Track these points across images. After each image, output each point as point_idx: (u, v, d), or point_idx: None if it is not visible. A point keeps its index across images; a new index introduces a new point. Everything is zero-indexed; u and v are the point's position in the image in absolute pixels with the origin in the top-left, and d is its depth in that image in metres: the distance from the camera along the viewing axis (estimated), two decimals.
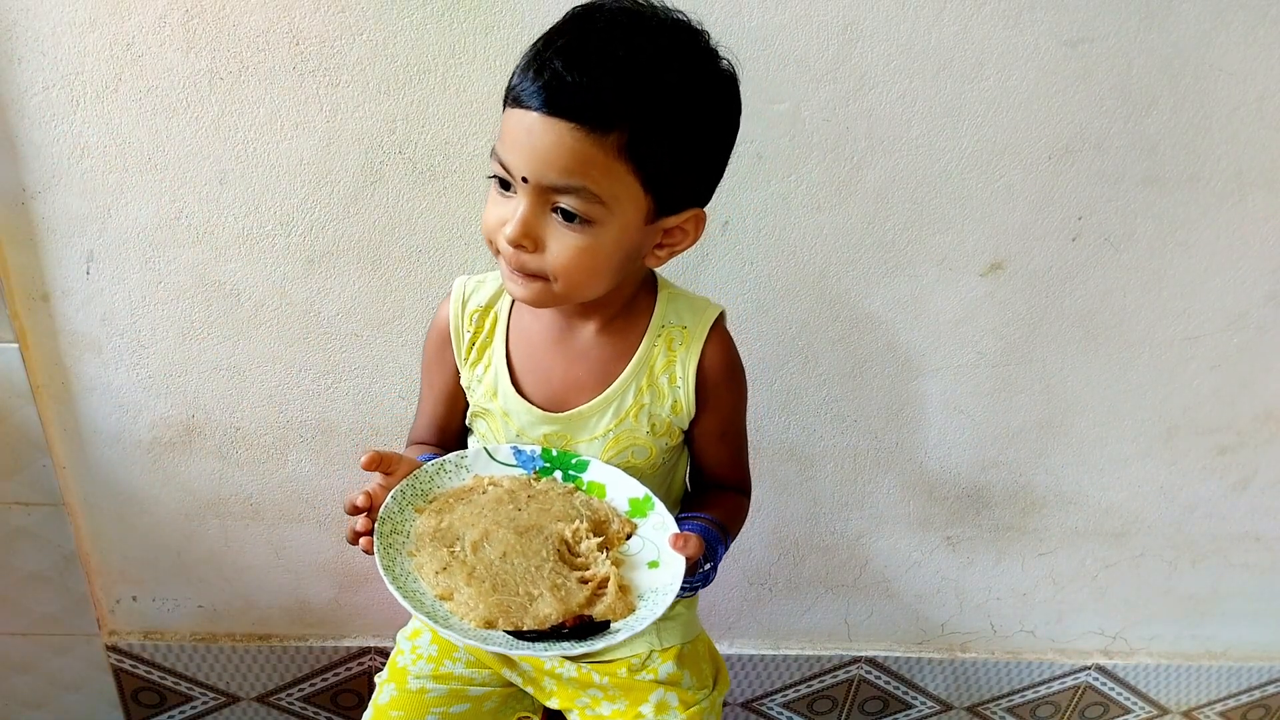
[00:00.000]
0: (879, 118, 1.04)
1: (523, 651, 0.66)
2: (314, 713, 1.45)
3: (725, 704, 1.50)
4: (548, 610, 0.69)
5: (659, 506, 0.78)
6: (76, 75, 0.98)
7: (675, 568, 0.72)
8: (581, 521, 0.75)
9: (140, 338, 1.13)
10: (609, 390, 0.81)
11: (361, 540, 0.71)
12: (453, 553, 0.71)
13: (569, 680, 0.89)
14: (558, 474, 0.81)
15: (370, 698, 0.90)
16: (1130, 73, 1.04)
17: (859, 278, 1.14)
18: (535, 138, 0.66)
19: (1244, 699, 1.57)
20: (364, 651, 1.38)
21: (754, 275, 1.13)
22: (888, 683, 1.50)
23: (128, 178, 1.03)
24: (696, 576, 0.76)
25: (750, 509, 0.92)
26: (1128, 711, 1.57)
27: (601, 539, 0.75)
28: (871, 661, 1.47)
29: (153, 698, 1.41)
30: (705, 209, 0.76)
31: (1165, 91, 1.05)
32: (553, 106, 0.65)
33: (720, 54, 0.71)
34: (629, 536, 0.77)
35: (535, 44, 0.69)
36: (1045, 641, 1.49)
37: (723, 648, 1.42)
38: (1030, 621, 1.46)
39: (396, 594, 0.66)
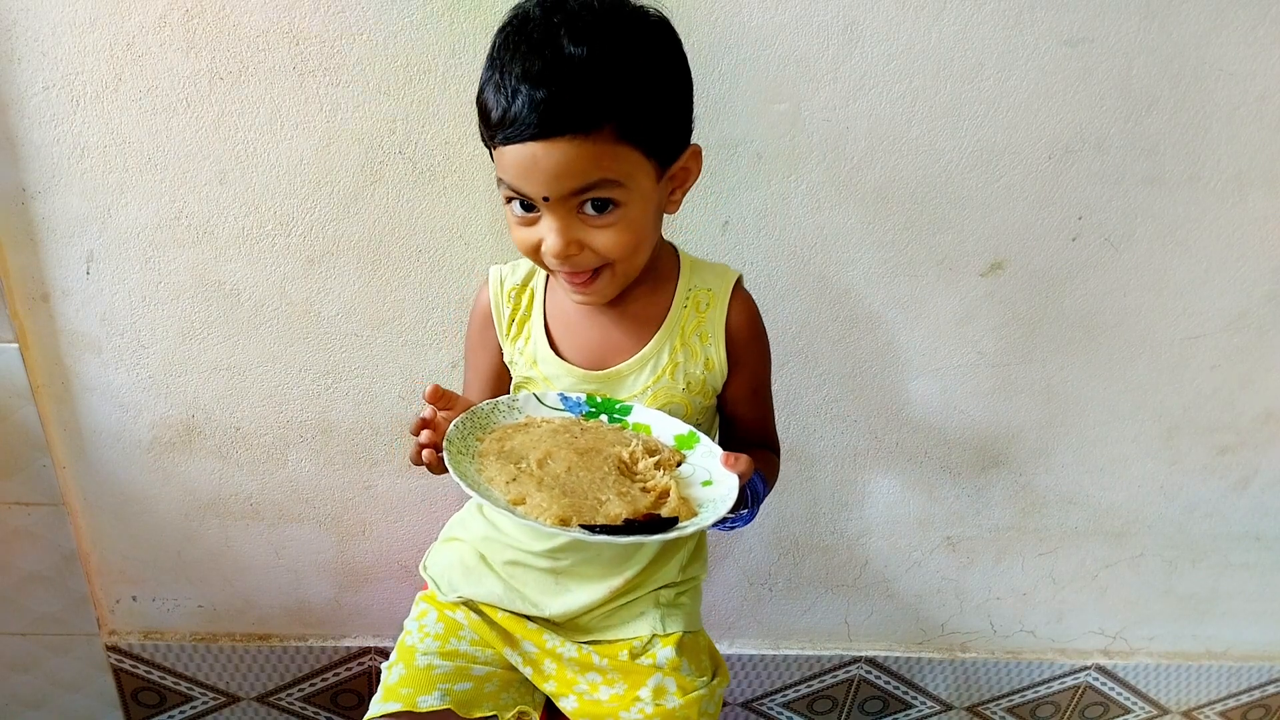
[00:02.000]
0: (879, 118, 1.04)
1: (599, 539, 0.68)
2: (314, 713, 1.45)
3: (725, 704, 1.50)
4: (618, 510, 0.71)
5: (705, 439, 0.80)
6: (76, 75, 0.98)
7: (729, 482, 0.74)
8: (637, 444, 0.78)
9: (140, 338, 1.13)
10: (645, 349, 0.85)
11: (425, 453, 0.74)
12: (520, 468, 0.74)
13: (569, 661, 0.90)
14: (603, 417, 0.84)
15: (370, 696, 0.90)
16: (1130, 73, 1.04)
17: (859, 278, 1.14)
18: (540, 161, 0.70)
19: (1244, 699, 1.57)
20: (364, 651, 1.38)
21: (754, 275, 1.13)
22: (888, 683, 1.50)
23: (128, 178, 1.03)
24: (739, 518, 0.79)
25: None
26: (1128, 711, 1.57)
27: (657, 458, 0.78)
28: (871, 661, 1.47)
29: (153, 698, 1.41)
30: (697, 141, 0.80)
31: (1165, 91, 1.05)
32: (545, 131, 0.68)
33: (642, 5, 0.74)
34: (679, 465, 0.79)
35: (494, 61, 0.71)
36: (1045, 641, 1.49)
37: (723, 648, 1.43)
38: (1030, 621, 1.46)
39: (473, 493, 0.68)
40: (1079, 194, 1.11)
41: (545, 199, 0.72)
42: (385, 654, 1.37)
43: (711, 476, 0.77)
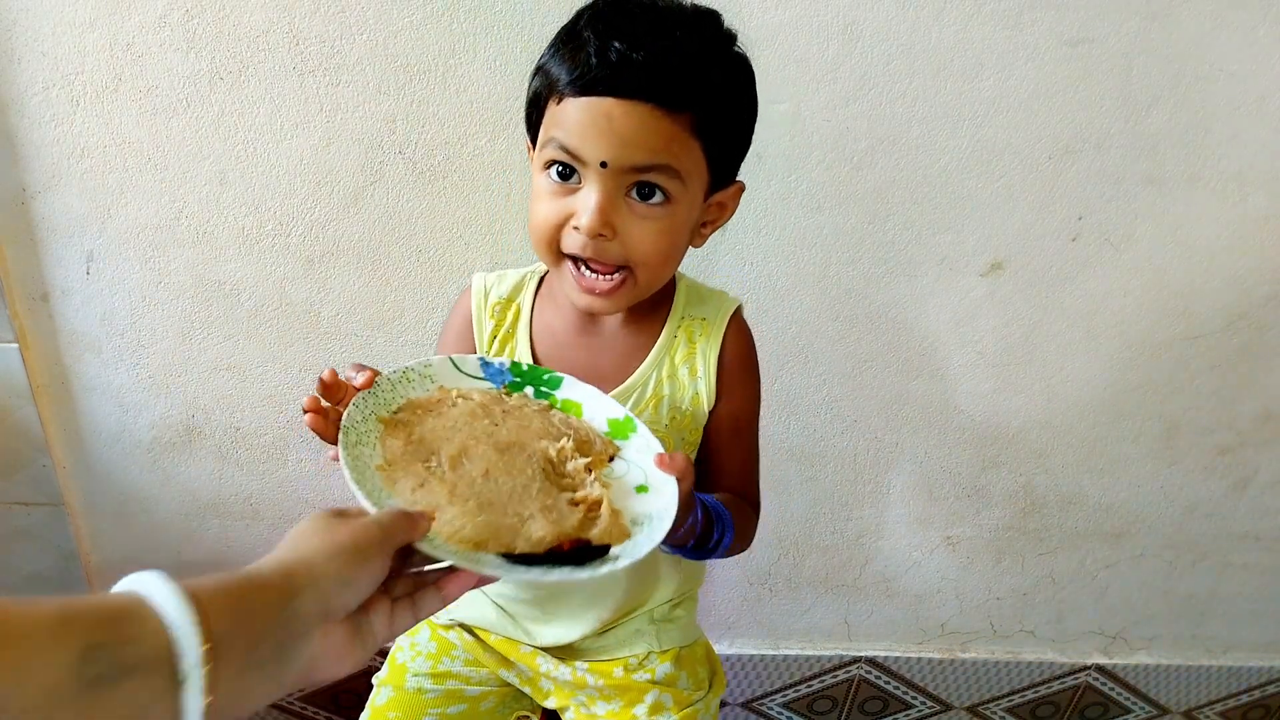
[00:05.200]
0: (879, 118, 1.04)
1: (518, 576, 0.58)
2: (314, 713, 1.45)
3: (725, 704, 1.50)
4: (541, 533, 0.60)
5: (641, 428, 0.70)
6: (76, 75, 0.98)
7: (667, 491, 0.65)
8: (567, 440, 0.68)
9: (140, 338, 1.13)
10: (630, 380, 0.80)
11: (309, 418, 0.61)
12: (429, 468, 0.62)
13: (564, 683, 0.89)
14: (529, 390, 0.74)
15: (369, 696, 0.89)
16: (1130, 73, 1.04)
17: (859, 278, 1.14)
18: (615, 122, 0.65)
19: (1244, 699, 1.57)
20: None
21: (754, 275, 1.13)
22: (888, 683, 1.50)
23: (128, 178, 1.03)
24: (707, 547, 0.73)
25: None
26: (1128, 711, 1.57)
27: (588, 460, 0.67)
28: (871, 661, 1.47)
29: None
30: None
31: (1165, 91, 1.05)
32: (631, 90, 0.64)
33: (735, 34, 0.72)
34: (611, 459, 0.69)
35: (575, 32, 0.68)
36: (1045, 641, 1.49)
37: (722, 648, 1.42)
38: (1030, 621, 1.46)
39: (373, 510, 0.55)
40: (1079, 194, 1.10)
41: (603, 164, 0.66)
42: (383, 654, 1.37)
43: (647, 480, 0.67)
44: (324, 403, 0.62)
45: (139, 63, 0.98)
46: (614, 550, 0.61)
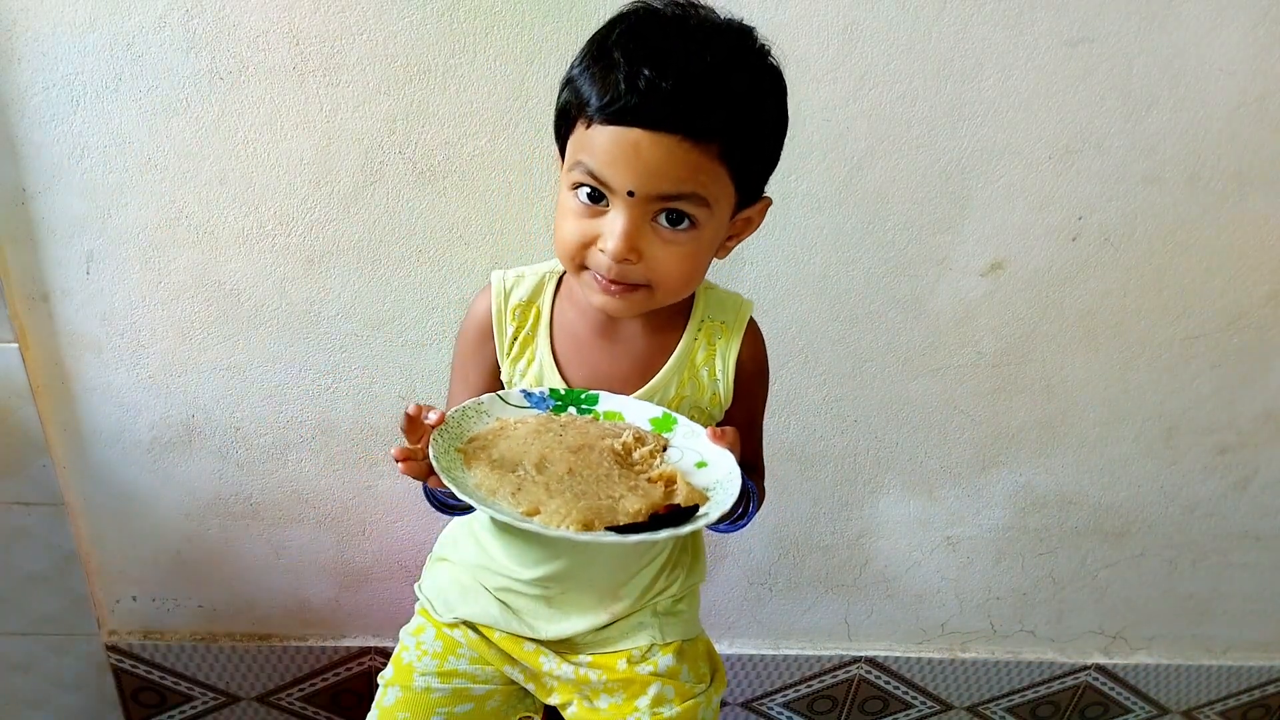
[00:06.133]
0: (879, 118, 1.04)
1: (633, 539, 0.64)
2: (314, 713, 1.45)
3: (725, 704, 1.50)
4: (636, 505, 0.67)
5: (681, 419, 0.78)
6: (76, 75, 0.98)
7: (725, 460, 0.72)
8: (628, 434, 0.75)
9: (140, 338, 1.13)
10: (653, 382, 0.82)
11: (404, 465, 0.69)
12: (519, 477, 0.69)
13: (568, 681, 0.89)
14: (571, 410, 0.80)
15: (371, 698, 0.89)
16: (1130, 73, 1.04)
17: (859, 278, 1.14)
18: (643, 152, 0.66)
19: (1244, 699, 1.57)
20: (364, 651, 1.38)
21: (754, 275, 1.13)
22: (888, 683, 1.50)
23: (128, 178, 1.03)
24: (737, 521, 0.78)
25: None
26: (1128, 711, 1.57)
27: (650, 448, 0.75)
28: (871, 661, 1.47)
29: (153, 698, 1.41)
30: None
31: (1165, 91, 1.05)
32: (659, 121, 0.65)
33: (764, 44, 0.72)
34: (664, 449, 0.76)
35: (606, 49, 0.68)
36: (1045, 641, 1.49)
37: (723, 648, 1.43)
38: (1030, 621, 1.47)
39: (490, 510, 0.64)
40: (1079, 194, 1.11)
41: (630, 194, 0.67)
42: (385, 654, 1.37)
43: (703, 457, 0.74)
44: (408, 446, 0.69)
45: (139, 63, 0.98)
46: (702, 509, 0.68)
